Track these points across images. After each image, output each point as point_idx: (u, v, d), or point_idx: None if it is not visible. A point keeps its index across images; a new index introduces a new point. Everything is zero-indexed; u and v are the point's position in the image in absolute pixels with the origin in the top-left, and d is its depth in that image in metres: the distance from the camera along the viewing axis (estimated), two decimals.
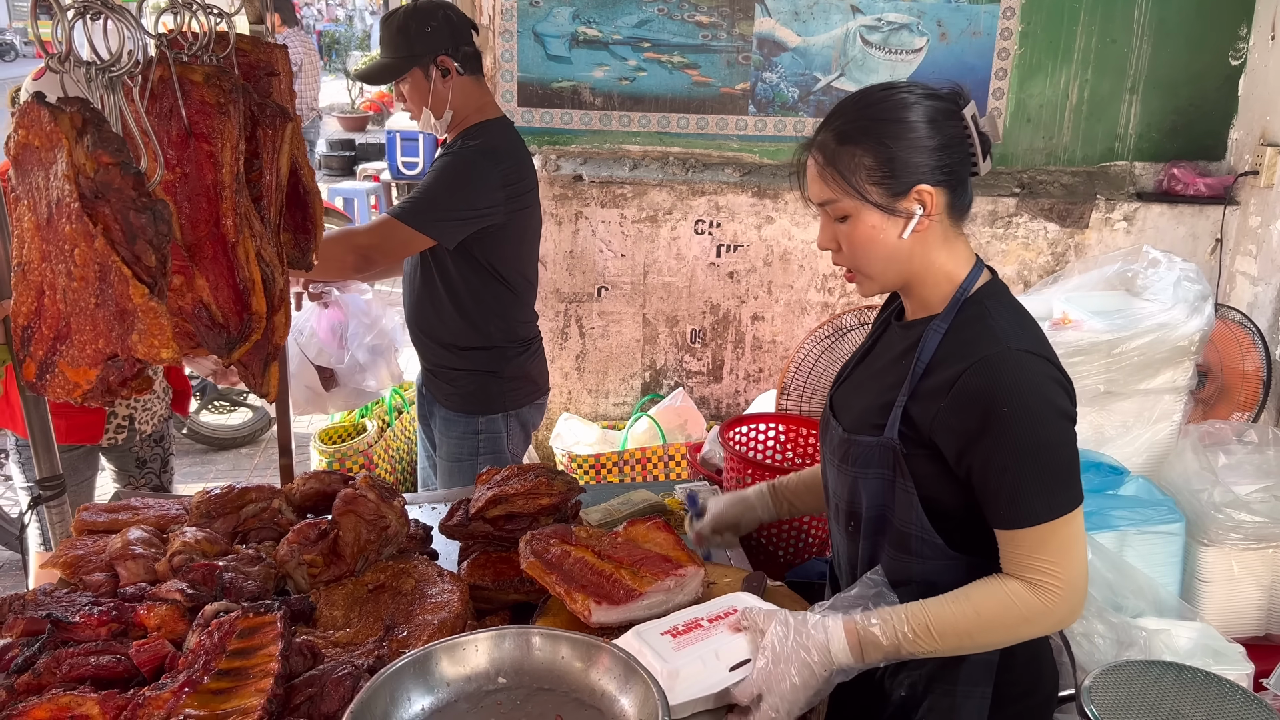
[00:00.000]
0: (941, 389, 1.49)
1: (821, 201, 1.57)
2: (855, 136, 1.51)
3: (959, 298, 1.56)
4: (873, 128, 1.51)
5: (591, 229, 4.20)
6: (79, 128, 1.27)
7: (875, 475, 1.59)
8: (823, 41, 4.18)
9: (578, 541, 1.82)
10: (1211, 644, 2.45)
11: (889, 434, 1.55)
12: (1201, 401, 3.58)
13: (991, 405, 1.44)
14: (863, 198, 1.51)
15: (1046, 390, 1.46)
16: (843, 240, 1.57)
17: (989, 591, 1.49)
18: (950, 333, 1.54)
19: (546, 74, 4.14)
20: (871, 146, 1.50)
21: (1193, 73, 4.29)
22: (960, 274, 1.57)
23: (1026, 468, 1.44)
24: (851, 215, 1.54)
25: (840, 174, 1.52)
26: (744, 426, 2.70)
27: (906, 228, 1.52)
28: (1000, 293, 1.59)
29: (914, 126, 1.50)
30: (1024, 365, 1.46)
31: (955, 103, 1.53)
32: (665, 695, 1.21)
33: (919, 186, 1.50)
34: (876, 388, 1.64)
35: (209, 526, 1.93)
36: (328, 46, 19.51)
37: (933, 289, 1.59)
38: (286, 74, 1.91)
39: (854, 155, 1.51)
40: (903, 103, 1.51)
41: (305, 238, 1.92)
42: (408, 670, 1.28)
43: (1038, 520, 1.45)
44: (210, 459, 5.22)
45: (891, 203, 1.51)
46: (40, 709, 1.40)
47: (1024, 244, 4.33)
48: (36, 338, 1.40)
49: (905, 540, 1.58)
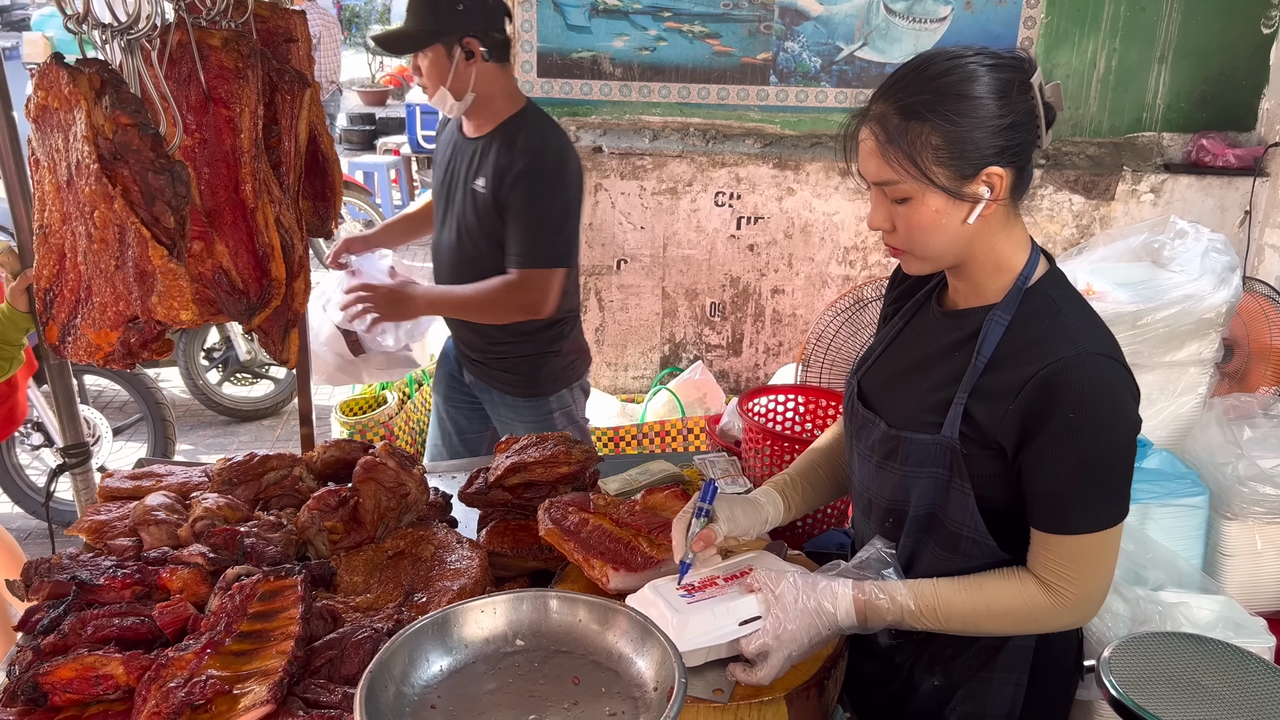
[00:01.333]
0: (1010, 389, 1.41)
1: (880, 181, 1.44)
2: (921, 112, 1.38)
3: (1020, 286, 1.47)
4: (940, 103, 1.38)
5: (611, 201, 4.19)
6: (97, 89, 1.27)
7: (929, 475, 1.51)
8: (845, 10, 4.13)
9: (596, 509, 1.82)
10: (1233, 617, 2.43)
11: (947, 433, 1.47)
12: (1228, 375, 3.54)
13: (1058, 408, 1.37)
14: (929, 181, 1.39)
15: (1119, 400, 1.39)
16: (899, 221, 1.45)
17: (1003, 587, 1.47)
18: (1015, 326, 1.45)
19: (566, 44, 4.12)
20: (939, 124, 1.37)
21: (1223, 42, 4.21)
22: (1019, 261, 1.49)
23: (1077, 478, 1.39)
24: (913, 197, 1.42)
25: (904, 153, 1.39)
26: (763, 398, 2.69)
27: (972, 212, 1.42)
28: (1063, 284, 1.51)
29: (983, 103, 1.37)
30: (1101, 372, 1.38)
31: (1023, 71, 1.41)
32: (681, 657, 1.21)
33: (989, 169, 1.39)
34: (926, 381, 1.55)
35: (231, 493, 1.95)
36: (348, 20, 19.47)
37: (990, 275, 1.50)
38: (305, 40, 1.91)
39: (920, 133, 1.38)
40: (971, 74, 1.38)
41: (324, 205, 1.92)
42: (427, 631, 1.29)
43: (1075, 530, 1.41)
44: (233, 430, 5.27)
45: (959, 186, 1.40)
46: (66, 669, 1.42)
47: (1049, 216, 4.28)
48: (59, 301, 1.41)
49: (955, 541, 1.53)
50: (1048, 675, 1.63)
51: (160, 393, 4.52)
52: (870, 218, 1.50)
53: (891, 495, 1.59)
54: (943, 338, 1.56)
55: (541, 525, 1.76)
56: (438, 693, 1.25)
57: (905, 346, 1.66)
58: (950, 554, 1.54)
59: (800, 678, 1.50)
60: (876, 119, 1.43)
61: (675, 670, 1.18)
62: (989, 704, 1.59)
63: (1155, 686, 1.76)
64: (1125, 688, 1.76)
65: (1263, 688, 1.72)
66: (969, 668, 1.60)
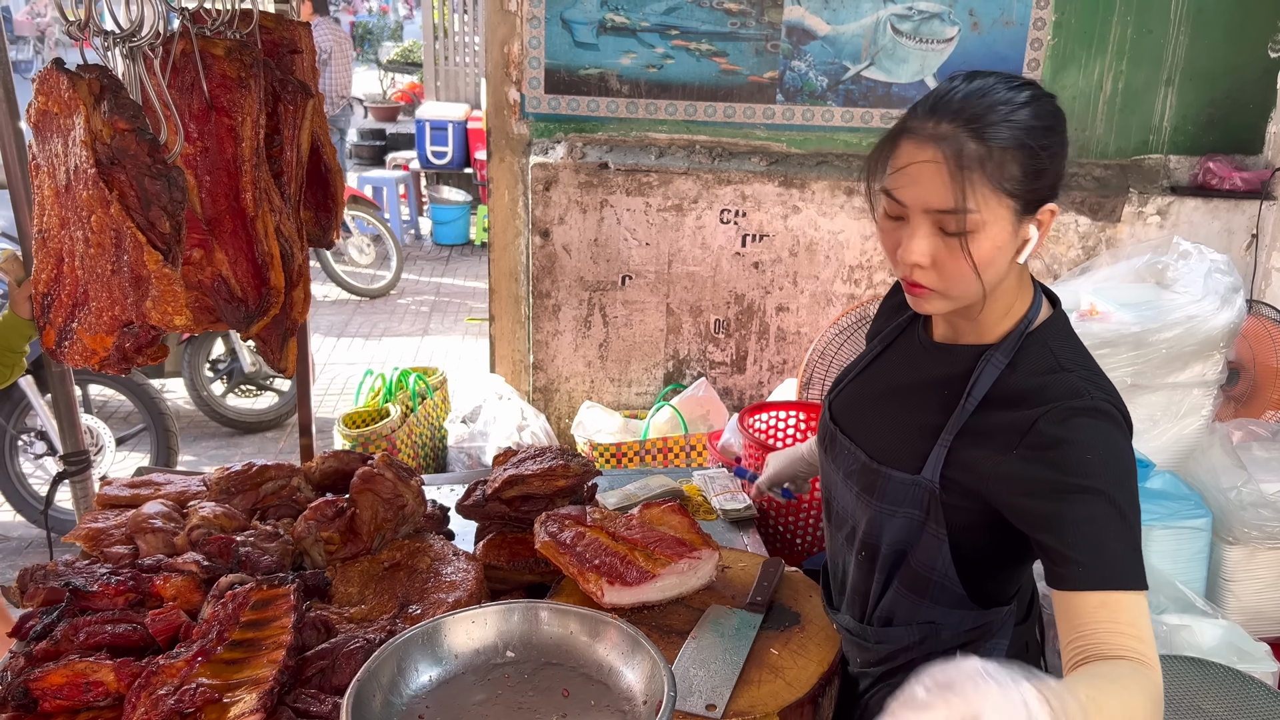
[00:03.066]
0: (1006, 435, 1.34)
1: (942, 209, 1.31)
2: (1003, 138, 1.29)
3: (1021, 331, 1.41)
4: (1019, 133, 1.30)
5: (616, 217, 4.19)
6: (96, 94, 1.27)
7: (904, 515, 1.46)
8: (852, 30, 4.14)
9: (593, 523, 1.81)
10: (1237, 642, 2.41)
11: (928, 474, 1.41)
12: (1234, 399, 3.52)
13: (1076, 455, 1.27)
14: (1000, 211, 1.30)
15: (1127, 452, 1.31)
16: (946, 255, 1.33)
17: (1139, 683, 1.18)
18: (1010, 370, 1.39)
19: (573, 61, 4.14)
20: (1019, 154, 1.29)
21: (1230, 65, 4.21)
22: (1024, 304, 1.43)
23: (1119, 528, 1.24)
24: (976, 231, 1.30)
25: (982, 181, 1.29)
26: (763, 414, 2.69)
27: (1024, 250, 1.35)
28: (1065, 332, 1.44)
29: (1056, 133, 1.33)
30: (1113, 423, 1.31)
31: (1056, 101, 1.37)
32: (671, 671, 1.20)
33: (1048, 205, 1.34)
34: (908, 415, 1.49)
35: (228, 503, 1.94)
36: (361, 37, 19.61)
37: (995, 316, 1.43)
38: (309, 51, 1.92)
39: (1001, 161, 1.29)
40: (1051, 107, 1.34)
41: (326, 215, 1.93)
42: (416, 641, 1.28)
43: (1133, 586, 1.23)
44: (236, 442, 5.27)
45: (1019, 222, 1.33)
46: (56, 675, 1.42)
47: (1054, 237, 4.27)
48: (56, 305, 1.42)
49: (923, 584, 1.48)
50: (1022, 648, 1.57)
51: (164, 403, 4.53)
52: (910, 250, 1.35)
53: (868, 529, 1.53)
54: (928, 370, 1.51)
55: (538, 538, 1.76)
56: (426, 703, 1.25)
57: (885, 371, 1.61)
58: (916, 596, 1.50)
59: (795, 694, 1.48)
60: (944, 141, 1.30)
61: (665, 683, 1.18)
62: None
63: None
64: None
65: (1265, 713, 1.70)
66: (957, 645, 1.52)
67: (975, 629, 1.52)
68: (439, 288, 7.97)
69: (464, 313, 7.34)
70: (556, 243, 4.21)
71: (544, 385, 4.45)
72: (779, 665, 1.55)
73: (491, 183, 4.33)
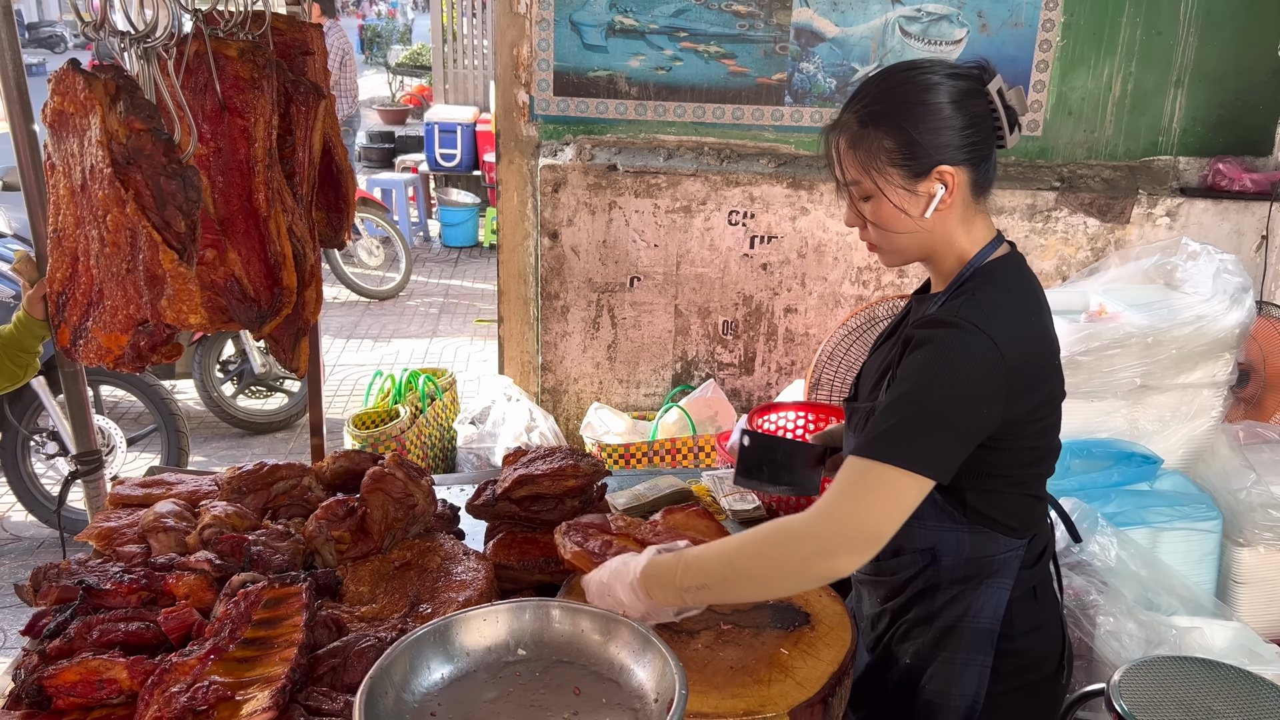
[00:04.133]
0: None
1: (848, 181, 1.59)
2: (877, 119, 1.52)
3: (963, 274, 1.57)
4: (894, 110, 1.51)
5: (625, 219, 4.20)
6: (112, 94, 1.28)
7: None
8: (861, 32, 4.14)
9: (618, 530, 1.77)
10: (1247, 644, 2.40)
11: (877, 398, 1.57)
12: (1244, 400, 3.51)
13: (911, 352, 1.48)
14: (885, 179, 1.53)
15: (963, 363, 1.45)
16: (867, 217, 1.59)
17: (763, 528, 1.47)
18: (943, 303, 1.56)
19: (582, 63, 4.15)
20: (892, 129, 1.51)
21: (1240, 66, 4.20)
22: (972, 251, 1.59)
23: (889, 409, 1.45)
24: (874, 196, 1.55)
25: (863, 156, 1.54)
26: (772, 414, 2.68)
27: (929, 207, 1.53)
28: (998, 270, 1.58)
29: (937, 108, 1.50)
30: (958, 335, 1.46)
31: (980, 80, 1.53)
32: (682, 669, 1.21)
33: (940, 167, 1.51)
34: (882, 358, 1.68)
35: (240, 502, 1.95)
36: (370, 40, 19.66)
37: (949, 264, 1.61)
38: (321, 53, 1.93)
39: (875, 138, 1.52)
40: (925, 84, 1.51)
41: (338, 216, 1.94)
42: (428, 639, 1.29)
43: (861, 453, 1.43)
44: (246, 443, 5.29)
45: (913, 184, 1.53)
46: (70, 672, 1.42)
47: (1063, 239, 4.27)
48: (71, 304, 1.43)
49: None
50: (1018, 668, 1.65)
51: (175, 404, 4.55)
52: (845, 216, 1.65)
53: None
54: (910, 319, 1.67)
55: (563, 549, 1.71)
56: (438, 700, 1.25)
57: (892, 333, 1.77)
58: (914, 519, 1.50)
59: (805, 694, 1.49)
60: (842, 126, 1.58)
61: (676, 681, 1.18)
62: (953, 684, 1.63)
63: (1166, 711, 1.74)
64: (1135, 711, 1.74)
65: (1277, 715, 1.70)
66: (934, 646, 1.65)
67: (976, 559, 1.61)
68: (448, 289, 7.99)
69: (473, 314, 7.36)
70: (565, 244, 4.22)
71: (553, 386, 4.45)
72: (789, 665, 1.55)
73: (500, 185, 4.34)
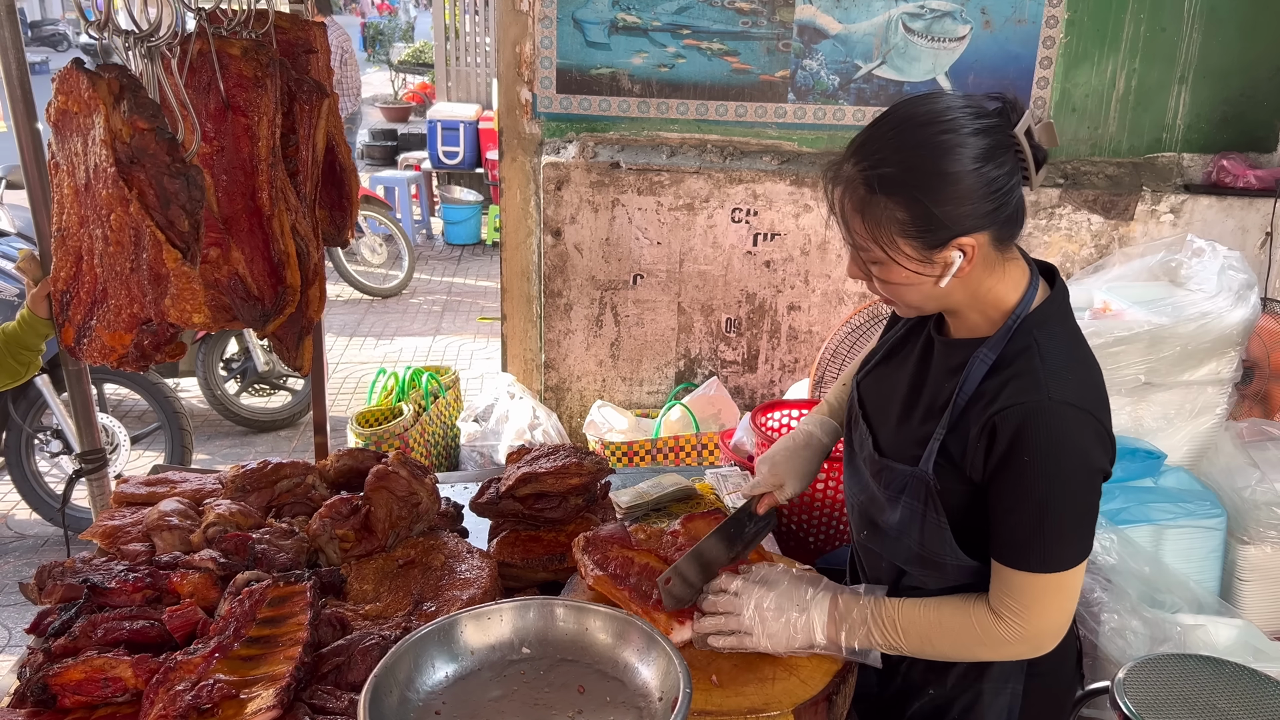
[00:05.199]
0: (977, 428, 1.42)
1: (851, 242, 1.44)
2: (888, 186, 1.35)
3: (1010, 325, 1.44)
4: (908, 178, 1.34)
5: (628, 216, 4.20)
6: (116, 93, 1.28)
7: (906, 505, 1.54)
8: (864, 29, 4.13)
9: (638, 545, 1.74)
10: (1252, 641, 2.40)
11: (924, 466, 1.48)
12: (1248, 397, 3.51)
13: (1015, 451, 1.37)
14: (894, 250, 1.38)
15: (1078, 447, 1.38)
16: (875, 275, 1.45)
17: (957, 608, 1.49)
18: (997, 364, 1.43)
19: (585, 61, 4.14)
20: (906, 200, 1.34)
21: (1244, 62, 4.19)
22: (1012, 298, 1.45)
23: (1034, 518, 1.39)
24: (882, 263, 1.41)
25: (870, 225, 1.38)
26: (776, 412, 2.68)
27: (944, 276, 1.40)
28: (1053, 318, 1.47)
29: (957, 177, 1.33)
30: (1061, 419, 1.37)
31: (1007, 122, 1.37)
32: (686, 667, 1.21)
33: (958, 240, 1.36)
34: (914, 410, 1.55)
35: (244, 500, 1.95)
36: (372, 38, 19.65)
37: (979, 315, 1.48)
38: (324, 51, 1.93)
39: (886, 207, 1.36)
40: (944, 146, 1.33)
41: (341, 214, 1.94)
42: (432, 637, 1.29)
43: (1026, 568, 1.42)
44: (250, 441, 5.30)
45: (927, 255, 1.38)
46: (75, 671, 1.43)
47: (1067, 236, 4.26)
48: (75, 302, 1.43)
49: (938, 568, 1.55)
50: (1045, 683, 1.63)
51: (179, 402, 4.55)
52: (848, 269, 1.50)
53: (875, 512, 1.63)
54: (936, 363, 1.56)
55: (585, 571, 1.67)
56: (442, 699, 1.25)
57: (904, 363, 1.65)
58: (934, 573, 1.57)
59: (809, 692, 1.49)
60: (847, 183, 1.40)
61: (680, 680, 1.18)
62: (985, 714, 1.61)
63: (1170, 709, 1.74)
64: (1140, 710, 1.74)
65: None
66: (964, 677, 1.61)
67: None
68: (451, 287, 7.99)
69: (476, 312, 7.36)
70: (568, 242, 4.21)
71: (556, 384, 4.45)
72: (793, 663, 1.55)
73: (503, 182, 4.34)
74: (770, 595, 1.54)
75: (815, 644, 1.52)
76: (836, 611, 1.52)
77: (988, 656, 1.52)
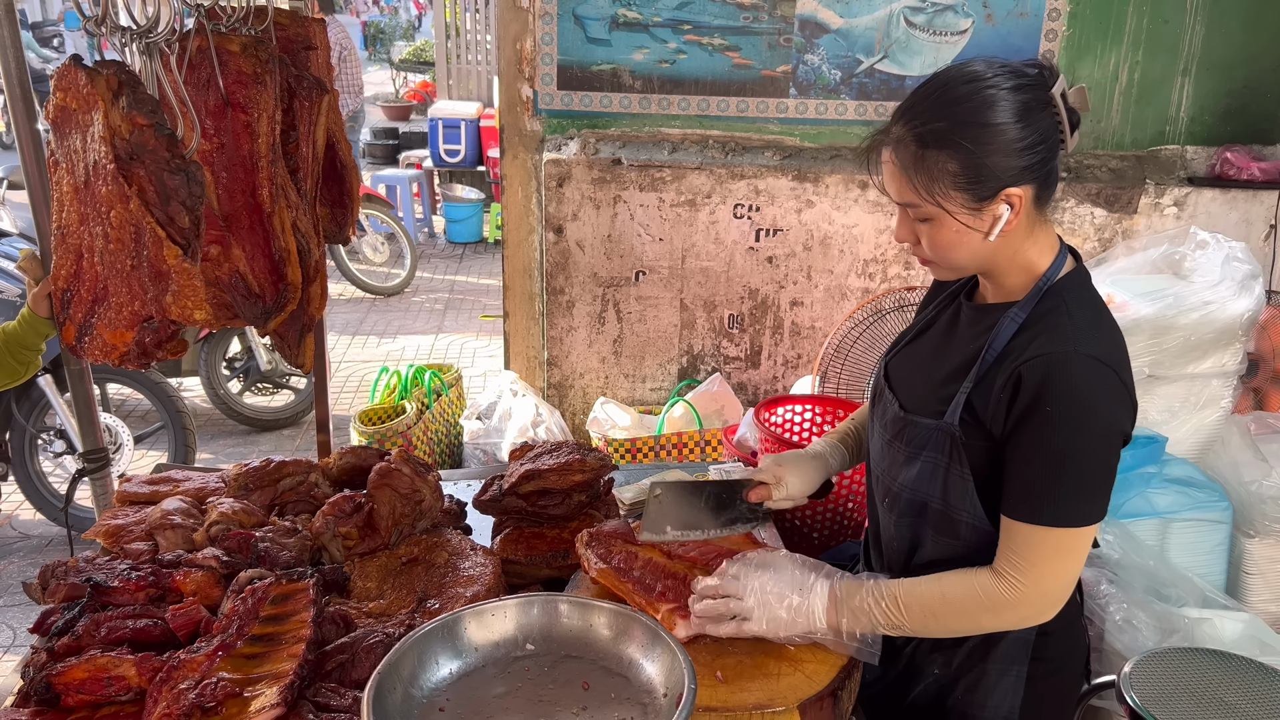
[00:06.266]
0: (1003, 380, 1.45)
1: (902, 202, 1.50)
2: (938, 141, 1.42)
3: (1040, 287, 1.50)
4: (957, 131, 1.41)
5: (630, 213, 4.19)
6: (115, 89, 1.28)
7: (928, 459, 1.55)
8: (865, 23, 4.12)
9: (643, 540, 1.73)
10: (1259, 635, 2.39)
11: (949, 419, 1.51)
12: (1253, 390, 3.49)
13: (1038, 401, 1.40)
14: (948, 203, 1.44)
15: (1101, 401, 1.41)
16: (923, 237, 1.51)
17: (960, 579, 1.50)
18: (1026, 323, 1.49)
19: (586, 56, 4.13)
20: (956, 152, 1.41)
21: (1248, 54, 4.18)
22: (1043, 263, 1.52)
23: (1050, 468, 1.41)
24: (934, 219, 1.47)
25: (922, 181, 1.44)
26: (780, 408, 2.68)
27: (994, 229, 1.46)
28: (1082, 284, 1.53)
29: (1003, 129, 1.41)
30: (1085, 371, 1.41)
31: (1044, 85, 1.44)
32: (691, 663, 1.20)
33: (1008, 190, 1.43)
34: (941, 370, 1.60)
35: (246, 499, 1.95)
36: (374, 36, 19.65)
37: (1014, 277, 1.54)
38: (324, 48, 1.92)
39: (937, 161, 1.43)
40: (988, 100, 1.41)
41: (342, 211, 1.93)
42: (436, 634, 1.29)
43: (1038, 520, 1.43)
44: (253, 440, 5.30)
45: (978, 207, 1.44)
46: (78, 669, 1.42)
47: (1070, 229, 4.25)
48: (75, 300, 1.42)
49: (954, 526, 1.56)
50: (1051, 672, 1.63)
51: (181, 401, 4.55)
52: (897, 232, 1.56)
53: (894, 473, 1.64)
54: (965, 330, 1.61)
55: (589, 564, 1.68)
56: (446, 695, 1.25)
57: (934, 335, 1.70)
58: (950, 539, 1.57)
59: (814, 687, 1.48)
60: (897, 143, 1.47)
61: (685, 676, 1.17)
62: (989, 696, 1.61)
63: (1177, 702, 1.73)
64: (1146, 703, 1.73)
65: None
66: (969, 658, 1.62)
67: None
68: (453, 285, 7.99)
69: (478, 310, 7.36)
70: (570, 239, 4.21)
71: (558, 381, 4.45)
72: (798, 658, 1.54)
73: (505, 180, 4.33)
74: (771, 578, 1.53)
75: (815, 629, 1.51)
76: (837, 595, 1.52)
77: (989, 623, 1.51)
